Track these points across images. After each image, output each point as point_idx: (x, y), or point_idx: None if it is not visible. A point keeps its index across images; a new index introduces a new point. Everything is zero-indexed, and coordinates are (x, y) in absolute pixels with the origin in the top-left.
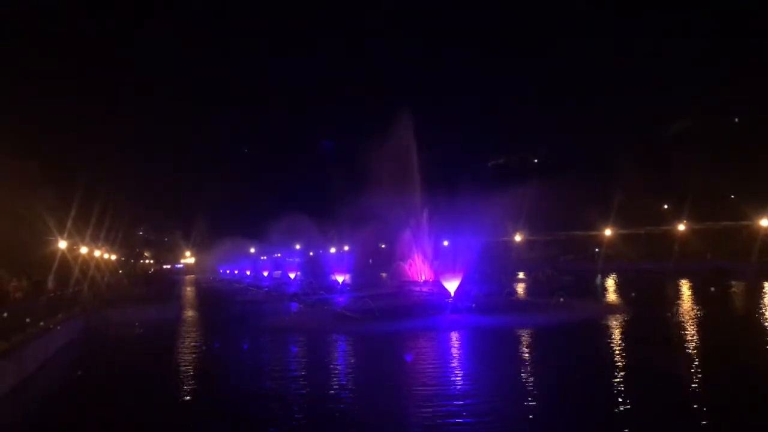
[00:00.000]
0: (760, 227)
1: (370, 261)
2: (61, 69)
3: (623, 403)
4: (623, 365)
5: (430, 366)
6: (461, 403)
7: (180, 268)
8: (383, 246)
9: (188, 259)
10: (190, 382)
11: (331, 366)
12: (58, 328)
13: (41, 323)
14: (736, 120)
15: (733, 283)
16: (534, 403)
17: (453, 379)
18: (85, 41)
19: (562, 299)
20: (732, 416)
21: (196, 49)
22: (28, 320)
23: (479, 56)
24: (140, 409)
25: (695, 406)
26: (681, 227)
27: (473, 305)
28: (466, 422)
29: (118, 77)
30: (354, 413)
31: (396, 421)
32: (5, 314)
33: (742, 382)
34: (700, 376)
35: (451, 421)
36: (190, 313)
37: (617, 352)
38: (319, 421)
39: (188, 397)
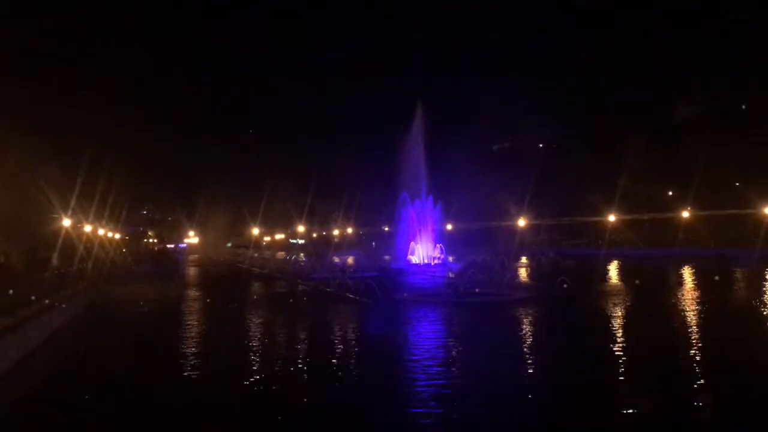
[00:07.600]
0: (765, 215)
1: (373, 243)
2: (67, 46)
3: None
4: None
5: (432, 340)
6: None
7: (183, 247)
8: (386, 228)
9: (192, 238)
10: (193, 357)
11: (332, 338)
12: (63, 305)
13: (46, 300)
14: (744, 106)
15: (737, 270)
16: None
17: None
18: (91, 16)
19: (565, 285)
20: None
21: (198, 27)
22: (33, 297)
23: (485, 41)
24: (143, 383)
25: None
26: (685, 214)
27: (476, 288)
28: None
29: (124, 56)
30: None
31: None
32: (11, 291)
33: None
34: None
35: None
36: (193, 292)
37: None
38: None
39: (192, 374)
